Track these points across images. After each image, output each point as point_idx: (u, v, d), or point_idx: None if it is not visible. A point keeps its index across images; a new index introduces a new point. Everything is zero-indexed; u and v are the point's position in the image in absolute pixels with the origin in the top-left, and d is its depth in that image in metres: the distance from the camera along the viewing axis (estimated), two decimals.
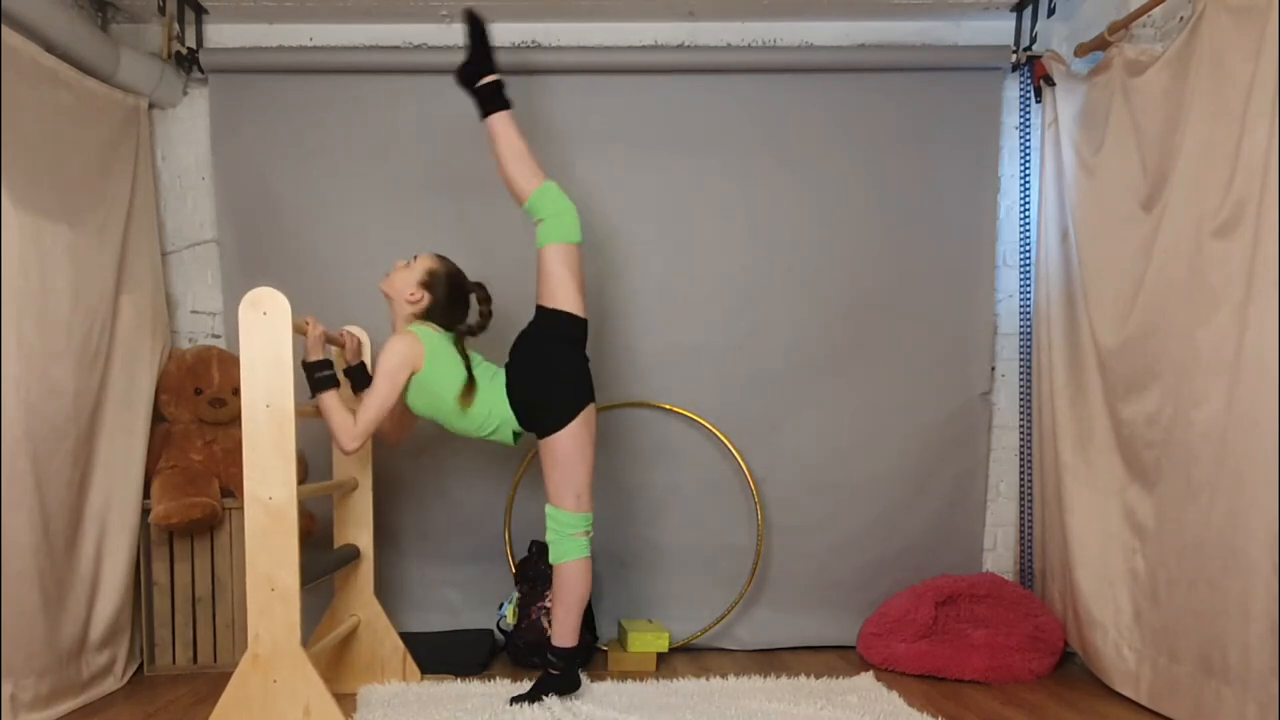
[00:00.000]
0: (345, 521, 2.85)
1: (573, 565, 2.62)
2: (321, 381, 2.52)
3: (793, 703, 2.61)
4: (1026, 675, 2.93)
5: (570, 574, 2.63)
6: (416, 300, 2.64)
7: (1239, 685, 2.31)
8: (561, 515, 2.61)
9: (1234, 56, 2.36)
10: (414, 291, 2.64)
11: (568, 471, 2.60)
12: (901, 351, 3.35)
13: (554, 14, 3.27)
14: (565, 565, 2.62)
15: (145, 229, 3.13)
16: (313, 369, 2.53)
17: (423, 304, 2.65)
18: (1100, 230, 2.90)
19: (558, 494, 2.61)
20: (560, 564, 2.63)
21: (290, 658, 2.30)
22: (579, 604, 2.65)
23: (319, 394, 2.52)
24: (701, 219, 3.34)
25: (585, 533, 2.63)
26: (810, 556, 3.36)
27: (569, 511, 2.61)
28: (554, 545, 2.63)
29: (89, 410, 2.75)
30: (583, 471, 2.61)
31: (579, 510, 2.61)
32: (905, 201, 3.34)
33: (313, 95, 3.28)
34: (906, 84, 3.31)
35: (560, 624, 2.66)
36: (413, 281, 2.65)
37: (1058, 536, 3.08)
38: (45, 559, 2.55)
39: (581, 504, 2.61)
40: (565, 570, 2.63)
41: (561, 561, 2.62)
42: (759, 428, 3.35)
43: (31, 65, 2.58)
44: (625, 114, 3.32)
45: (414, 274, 2.66)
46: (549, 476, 2.62)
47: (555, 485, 2.61)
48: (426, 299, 2.65)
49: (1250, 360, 2.29)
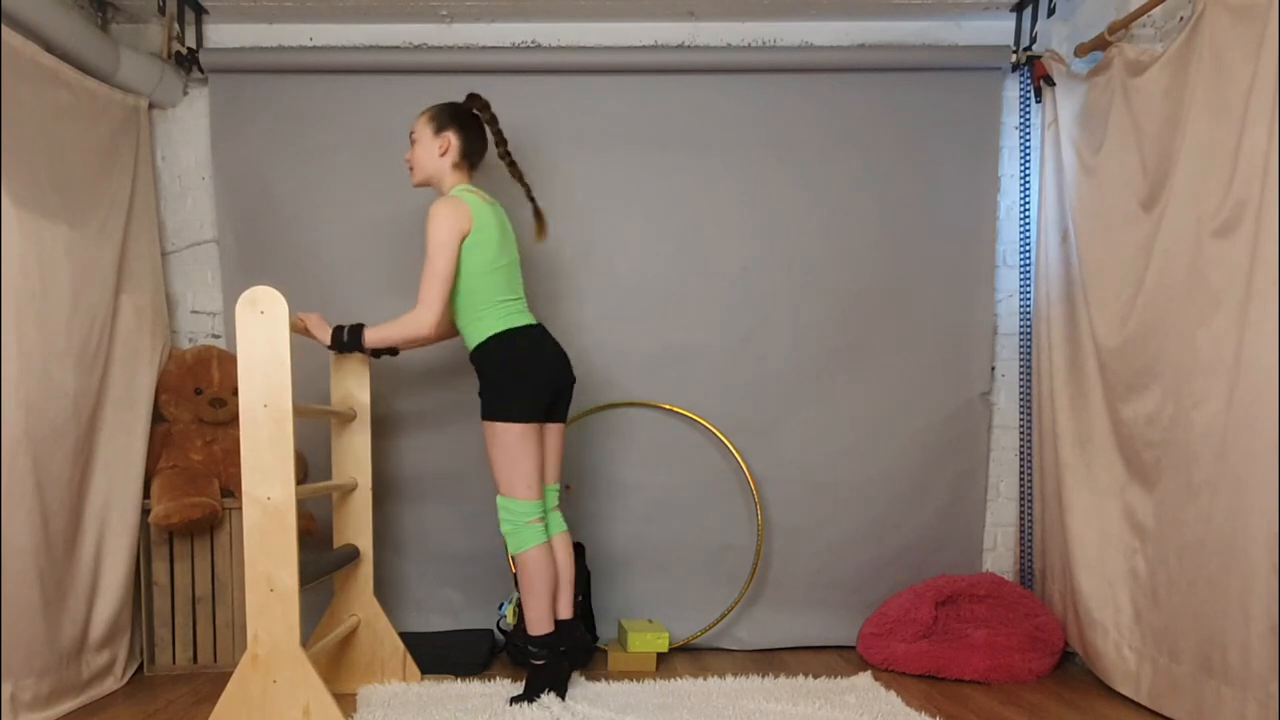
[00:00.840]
0: (345, 522, 2.85)
1: (534, 552, 2.60)
2: (353, 334, 2.59)
3: (791, 703, 2.61)
4: (1026, 675, 2.93)
5: (533, 560, 2.61)
6: (446, 148, 2.63)
7: (1239, 685, 2.31)
8: (515, 505, 2.59)
9: (1234, 56, 2.36)
10: (438, 143, 2.63)
11: (516, 461, 2.57)
12: (901, 351, 3.36)
13: (554, 14, 3.27)
14: (527, 553, 2.61)
15: (145, 229, 3.13)
16: (338, 336, 2.60)
17: (454, 146, 2.63)
18: (1100, 230, 2.90)
19: (509, 484, 2.59)
20: (522, 553, 2.61)
21: (290, 658, 2.30)
22: (547, 589, 2.64)
23: (365, 344, 2.59)
24: (701, 219, 3.34)
25: (540, 518, 2.62)
26: (810, 556, 3.36)
27: (522, 500, 2.59)
28: (512, 536, 2.62)
29: (89, 410, 2.75)
30: (532, 461, 2.59)
31: (530, 498, 2.60)
32: (905, 201, 3.34)
33: (313, 95, 3.28)
34: (906, 84, 3.31)
35: (532, 612, 2.64)
36: (429, 139, 2.64)
37: (1058, 536, 3.08)
38: (45, 559, 2.56)
39: (533, 491, 2.59)
40: (528, 558, 2.61)
41: (523, 550, 2.61)
42: (759, 428, 3.35)
43: (31, 65, 2.59)
44: (625, 114, 3.32)
45: (424, 134, 2.65)
46: (497, 465, 2.59)
47: (505, 474, 2.59)
48: (454, 139, 2.63)
49: (1250, 360, 2.29)
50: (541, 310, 3.25)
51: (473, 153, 2.68)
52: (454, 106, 2.69)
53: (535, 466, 2.60)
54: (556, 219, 3.30)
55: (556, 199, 3.28)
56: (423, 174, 2.68)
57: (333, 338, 2.62)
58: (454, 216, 2.51)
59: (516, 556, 2.63)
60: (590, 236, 3.33)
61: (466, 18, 3.29)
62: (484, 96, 2.74)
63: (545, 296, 3.31)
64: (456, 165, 2.66)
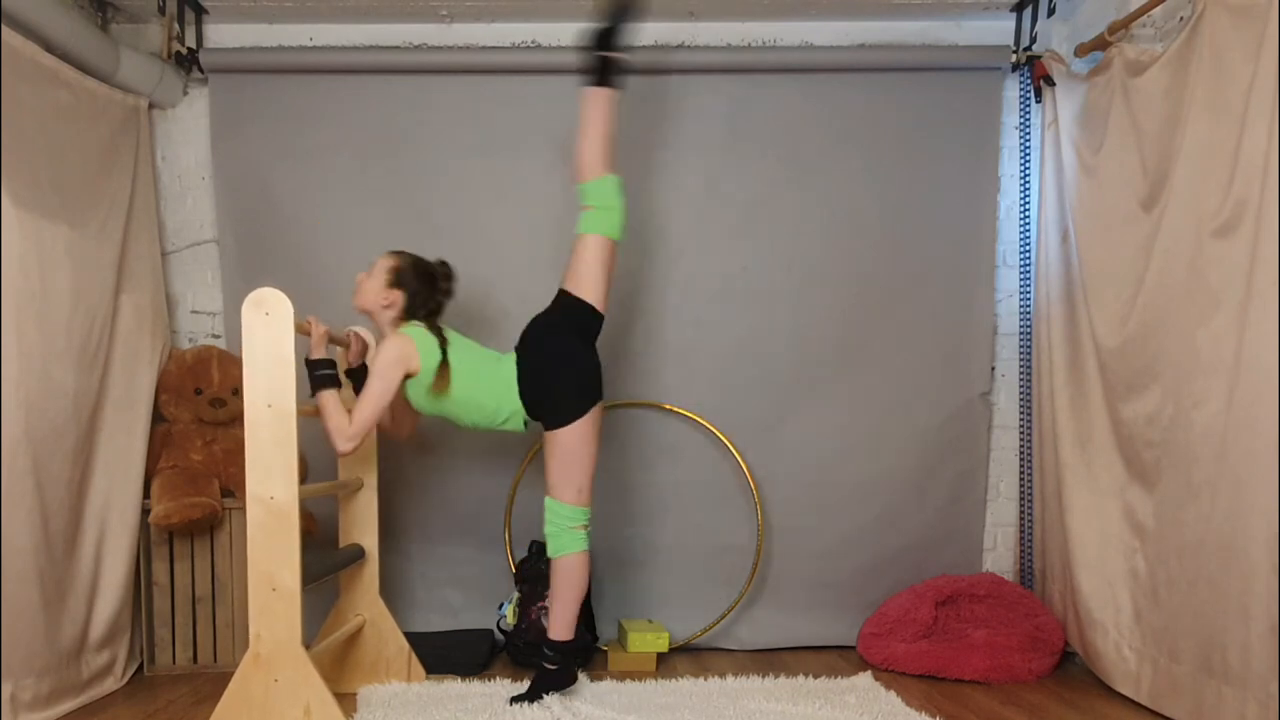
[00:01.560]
0: (350, 522, 2.85)
1: (572, 559, 2.62)
2: (322, 380, 2.51)
3: (791, 702, 2.62)
4: (1026, 675, 2.93)
5: (569, 567, 2.62)
6: (390, 302, 2.62)
7: (1239, 685, 2.32)
8: (561, 508, 2.61)
9: (1234, 56, 2.36)
10: (384, 295, 2.61)
11: (571, 465, 2.59)
12: (901, 351, 3.36)
13: (554, 14, 3.27)
14: (565, 558, 2.62)
15: (145, 229, 3.13)
16: (314, 367, 2.53)
17: (398, 303, 2.62)
18: (1100, 230, 2.90)
19: (559, 487, 2.61)
20: (559, 557, 2.62)
21: (291, 657, 2.30)
22: (577, 598, 2.65)
23: (318, 392, 2.51)
24: (701, 219, 3.34)
25: (584, 526, 2.63)
26: (810, 556, 3.36)
27: (569, 504, 2.60)
28: (553, 538, 2.63)
29: (89, 410, 2.74)
30: (586, 466, 2.60)
31: (579, 504, 2.61)
32: (905, 201, 3.34)
33: (313, 95, 3.28)
34: (906, 84, 3.32)
35: (558, 618, 2.65)
36: (380, 286, 2.62)
37: (1058, 536, 3.08)
38: (45, 559, 2.55)
39: (582, 498, 2.61)
40: (564, 563, 2.62)
41: (561, 555, 2.62)
42: (759, 428, 3.35)
43: (31, 65, 2.58)
44: (625, 114, 3.30)
45: (377, 279, 2.63)
46: (551, 468, 2.61)
47: (557, 478, 2.60)
48: (400, 296, 2.62)
49: (1250, 360, 2.29)
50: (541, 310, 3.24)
51: (414, 312, 2.64)
52: (419, 267, 2.65)
53: (585, 472, 2.60)
54: (556, 220, 3.30)
55: (556, 200, 3.28)
56: (363, 306, 2.66)
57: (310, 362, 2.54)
58: (402, 354, 2.52)
59: (554, 560, 2.64)
60: None
61: (466, 18, 3.29)
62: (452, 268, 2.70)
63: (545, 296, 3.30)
64: (397, 319, 2.64)
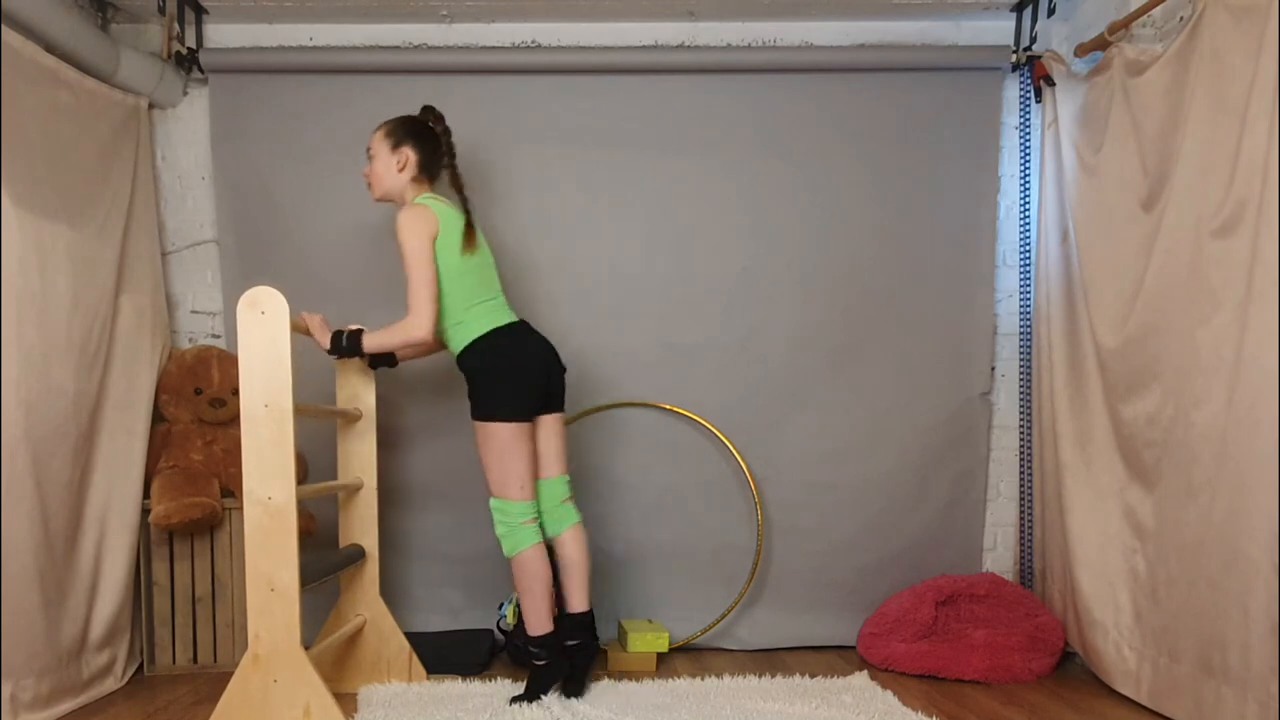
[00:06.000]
0: (350, 522, 2.85)
1: (529, 553, 2.60)
2: (352, 339, 2.58)
3: (789, 702, 2.62)
4: (1026, 675, 2.93)
5: (529, 561, 2.61)
6: (404, 164, 2.61)
7: (1239, 685, 2.31)
8: (509, 506, 2.59)
9: (1234, 56, 2.36)
10: (396, 159, 2.62)
11: (510, 462, 2.57)
12: (901, 351, 3.36)
13: (554, 14, 3.27)
14: (522, 554, 2.61)
15: (145, 229, 3.13)
16: (337, 341, 2.59)
17: (412, 160, 2.62)
18: (1100, 230, 2.90)
19: (501, 485, 2.58)
20: (517, 554, 2.61)
21: (290, 658, 2.30)
22: (545, 590, 2.63)
23: (363, 349, 2.58)
24: (701, 219, 3.33)
25: (534, 519, 2.62)
26: (810, 556, 3.36)
27: (515, 501, 2.59)
28: (506, 538, 2.61)
29: (89, 410, 2.75)
30: (524, 461, 2.58)
31: (524, 498, 2.59)
32: (905, 201, 3.34)
33: (313, 95, 3.28)
34: (906, 84, 3.31)
35: (531, 613, 2.64)
36: (386, 154, 2.63)
37: (1058, 536, 3.08)
38: (45, 559, 2.56)
39: (526, 491, 2.59)
40: (523, 559, 2.61)
41: (518, 551, 2.61)
42: (759, 428, 3.35)
43: (31, 65, 2.58)
44: (625, 114, 3.32)
45: (381, 150, 2.63)
46: (489, 467, 2.59)
47: (498, 476, 2.58)
48: (410, 151, 2.62)
49: (1250, 360, 2.29)
50: (541, 310, 3.25)
51: (431, 165, 2.66)
52: (409, 120, 2.68)
53: (527, 467, 2.59)
54: (556, 219, 3.31)
55: (556, 199, 3.28)
56: (381, 189, 2.68)
57: (332, 342, 2.62)
58: (420, 221, 2.52)
59: (512, 558, 2.63)
60: (590, 236, 3.33)
61: (466, 18, 3.29)
62: (437, 108, 2.72)
63: (545, 297, 3.31)
64: (415, 179, 2.65)
